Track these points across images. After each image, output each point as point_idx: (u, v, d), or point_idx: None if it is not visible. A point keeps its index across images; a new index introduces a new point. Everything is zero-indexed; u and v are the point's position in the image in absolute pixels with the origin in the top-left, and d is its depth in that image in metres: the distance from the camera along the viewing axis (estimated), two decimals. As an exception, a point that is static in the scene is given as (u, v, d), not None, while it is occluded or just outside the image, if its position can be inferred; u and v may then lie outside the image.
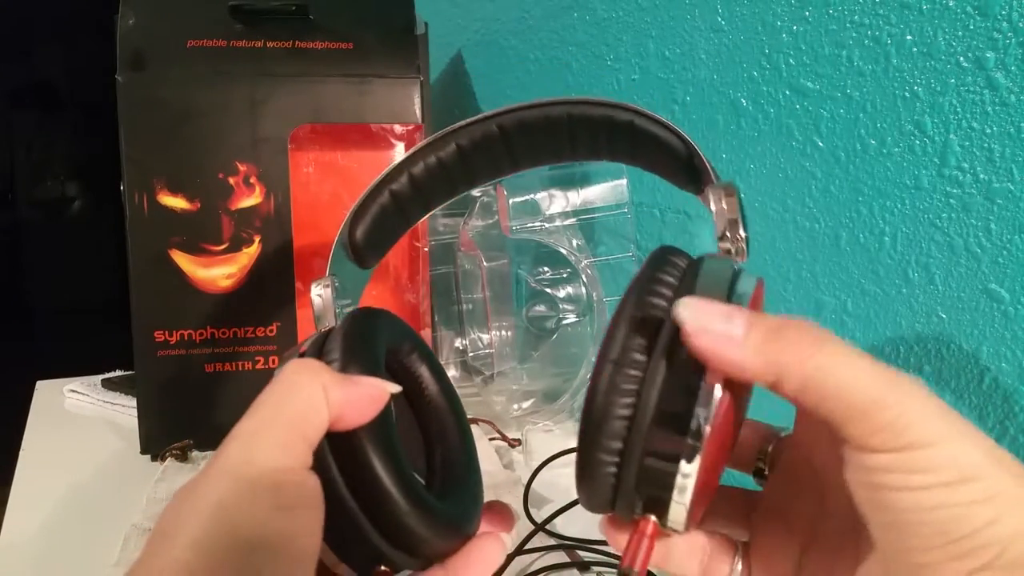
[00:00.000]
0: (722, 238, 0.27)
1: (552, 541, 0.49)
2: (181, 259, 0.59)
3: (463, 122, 0.33)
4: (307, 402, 0.23)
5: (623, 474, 0.23)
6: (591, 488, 0.24)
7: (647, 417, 0.23)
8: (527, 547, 0.48)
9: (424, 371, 0.32)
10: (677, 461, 0.22)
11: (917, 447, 0.20)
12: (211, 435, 0.59)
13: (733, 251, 0.27)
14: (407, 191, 0.33)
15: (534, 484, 0.54)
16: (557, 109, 0.31)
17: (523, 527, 0.50)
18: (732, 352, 0.21)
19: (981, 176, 0.39)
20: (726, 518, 0.29)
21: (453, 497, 0.29)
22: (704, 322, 0.22)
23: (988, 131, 0.39)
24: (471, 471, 0.31)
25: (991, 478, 0.20)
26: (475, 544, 0.27)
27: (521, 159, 0.33)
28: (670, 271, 0.25)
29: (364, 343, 0.27)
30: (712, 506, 0.27)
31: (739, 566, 0.27)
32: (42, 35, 1.92)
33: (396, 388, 0.25)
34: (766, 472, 0.29)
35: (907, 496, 0.20)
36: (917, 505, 0.20)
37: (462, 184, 0.34)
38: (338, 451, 0.24)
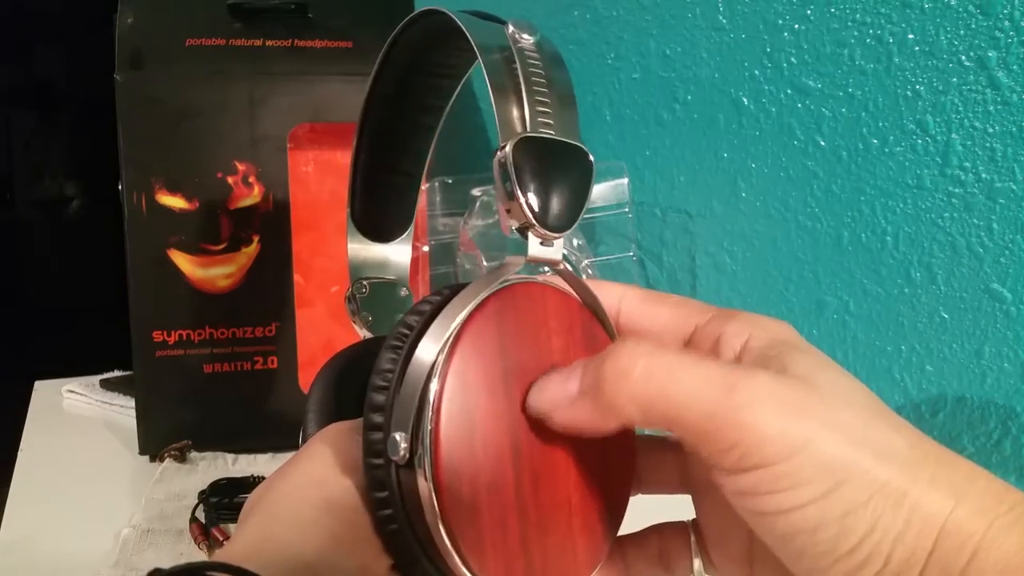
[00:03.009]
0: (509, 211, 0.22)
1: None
2: (180, 259, 0.59)
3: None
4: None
5: None
6: None
7: None
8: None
9: None
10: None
11: (775, 462, 0.18)
12: (210, 435, 0.59)
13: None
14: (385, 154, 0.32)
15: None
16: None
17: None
18: (577, 416, 0.21)
19: (983, 175, 0.39)
20: (662, 484, 0.27)
21: None
22: (546, 401, 0.21)
23: (990, 130, 0.39)
24: None
25: (866, 474, 0.18)
26: None
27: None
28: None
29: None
30: (645, 475, 0.26)
31: (695, 555, 0.26)
32: (41, 34, 1.92)
33: None
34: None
35: (783, 520, 0.19)
36: (795, 528, 0.19)
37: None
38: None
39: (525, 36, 0.24)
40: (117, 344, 0.68)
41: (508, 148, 0.22)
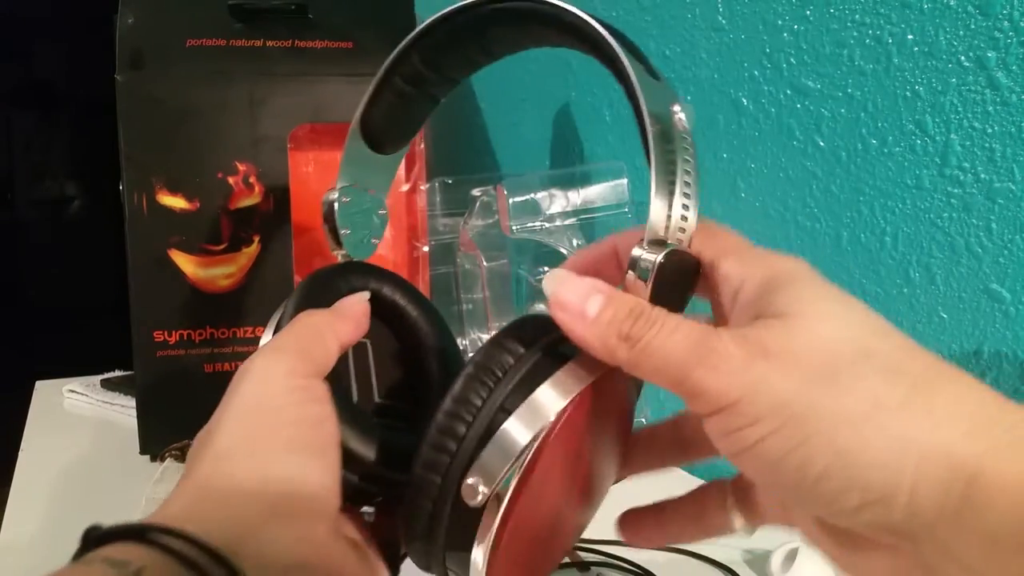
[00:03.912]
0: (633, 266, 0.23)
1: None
2: (180, 259, 0.59)
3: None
4: (314, 332, 0.28)
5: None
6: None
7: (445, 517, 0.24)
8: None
9: (403, 309, 0.33)
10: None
11: (733, 402, 0.20)
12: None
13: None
14: (421, 71, 0.32)
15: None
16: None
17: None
18: (581, 330, 0.22)
19: (982, 176, 0.39)
20: (660, 458, 0.29)
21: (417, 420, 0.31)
22: (563, 296, 0.22)
23: (989, 131, 0.39)
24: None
25: (817, 405, 0.19)
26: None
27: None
28: (504, 358, 0.24)
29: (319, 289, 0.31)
30: (642, 454, 0.29)
31: (733, 509, 0.27)
32: (42, 35, 1.92)
33: (366, 294, 0.31)
34: None
35: (750, 456, 0.20)
36: (763, 462, 0.20)
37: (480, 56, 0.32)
38: None
39: (680, 113, 0.25)
40: (118, 344, 0.68)
41: (660, 258, 0.22)
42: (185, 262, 0.59)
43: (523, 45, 0.31)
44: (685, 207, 0.23)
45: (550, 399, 0.23)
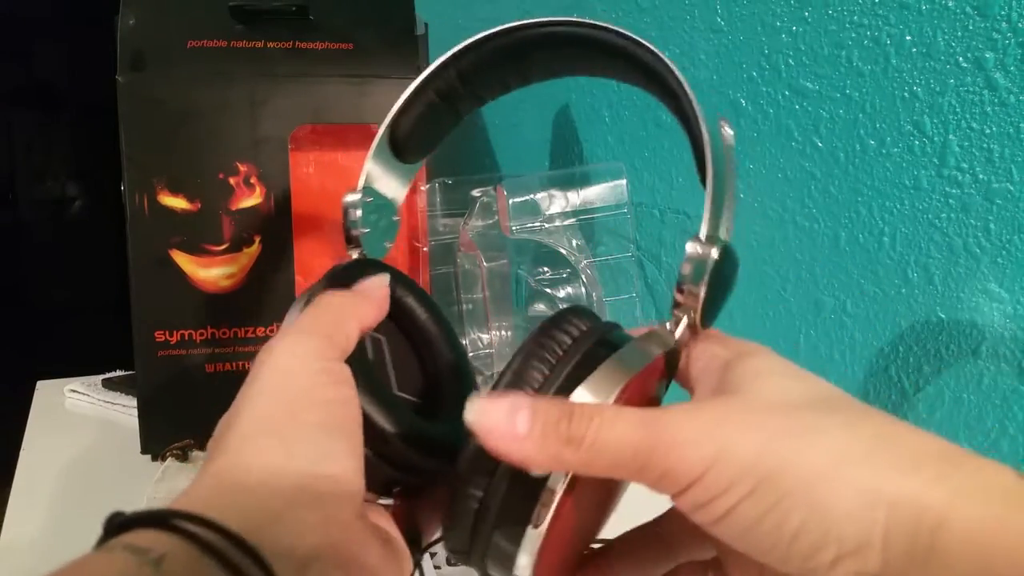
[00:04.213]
0: (679, 290, 0.25)
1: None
2: (181, 259, 0.59)
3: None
4: (337, 314, 0.28)
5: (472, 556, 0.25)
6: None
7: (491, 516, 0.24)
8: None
9: (411, 308, 0.34)
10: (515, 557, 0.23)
11: (700, 475, 0.20)
12: (211, 435, 0.59)
13: (680, 317, 0.25)
14: (455, 86, 0.32)
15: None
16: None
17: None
18: (518, 450, 0.21)
19: (980, 176, 0.39)
20: (653, 561, 0.28)
21: (445, 418, 0.31)
22: (488, 423, 0.21)
23: (987, 131, 0.39)
24: (464, 389, 0.33)
25: (786, 465, 0.19)
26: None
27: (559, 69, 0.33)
28: (549, 350, 0.24)
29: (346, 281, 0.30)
30: (632, 558, 0.28)
31: None
32: (42, 35, 1.92)
33: (387, 277, 0.31)
34: None
35: (726, 523, 0.20)
36: (740, 527, 0.20)
37: (514, 79, 0.33)
38: None
39: (729, 130, 0.26)
40: (119, 344, 0.69)
41: (714, 252, 0.24)
42: (186, 262, 0.59)
43: (562, 73, 0.32)
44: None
45: (615, 375, 0.23)
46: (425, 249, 0.67)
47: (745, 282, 0.56)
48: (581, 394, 0.22)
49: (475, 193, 0.67)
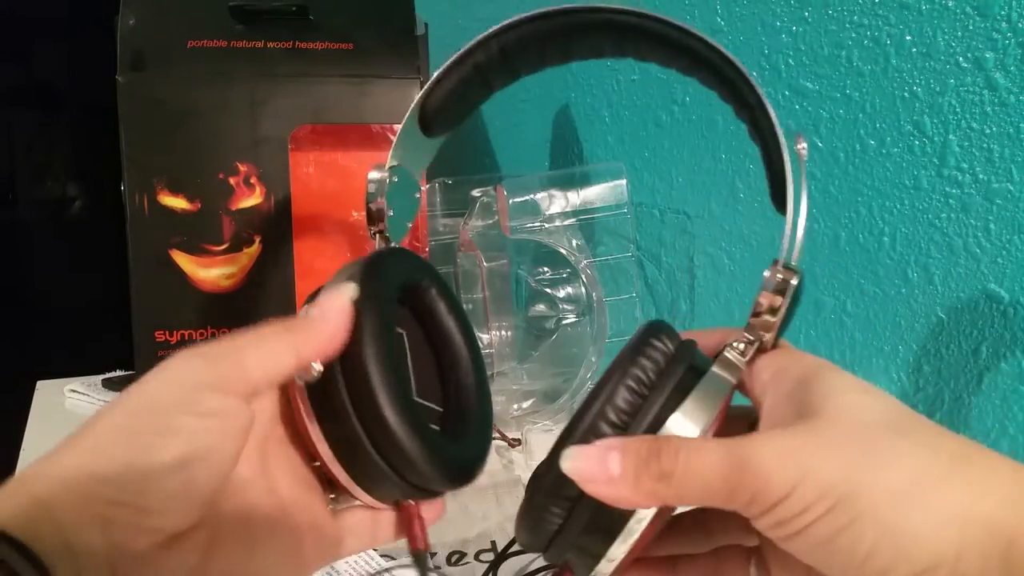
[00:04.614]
0: (755, 314, 0.26)
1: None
2: (182, 259, 0.59)
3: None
4: (255, 347, 0.26)
5: (554, 551, 0.25)
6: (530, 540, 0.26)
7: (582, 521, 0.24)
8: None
9: (441, 308, 0.33)
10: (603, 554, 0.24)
11: (784, 497, 0.20)
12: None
13: (750, 340, 0.26)
14: (495, 59, 0.32)
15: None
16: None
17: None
18: (615, 492, 0.22)
19: (980, 176, 0.39)
20: (692, 545, 0.29)
21: (463, 434, 0.30)
22: (585, 473, 0.22)
23: (987, 131, 0.39)
24: (482, 406, 0.32)
25: (863, 485, 0.20)
26: None
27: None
28: (641, 379, 0.25)
29: (377, 279, 0.29)
30: (669, 542, 0.28)
31: (753, 571, 0.27)
32: (42, 35, 1.92)
33: (352, 289, 0.27)
34: None
35: (802, 539, 0.21)
36: (815, 542, 0.21)
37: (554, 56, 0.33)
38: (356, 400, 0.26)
39: (803, 145, 0.27)
40: (119, 344, 0.69)
41: (794, 281, 0.25)
42: (186, 262, 0.59)
43: (608, 54, 0.31)
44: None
45: (704, 407, 0.24)
46: (425, 249, 0.67)
47: (745, 282, 0.56)
48: (673, 427, 0.23)
49: (475, 193, 0.67)
